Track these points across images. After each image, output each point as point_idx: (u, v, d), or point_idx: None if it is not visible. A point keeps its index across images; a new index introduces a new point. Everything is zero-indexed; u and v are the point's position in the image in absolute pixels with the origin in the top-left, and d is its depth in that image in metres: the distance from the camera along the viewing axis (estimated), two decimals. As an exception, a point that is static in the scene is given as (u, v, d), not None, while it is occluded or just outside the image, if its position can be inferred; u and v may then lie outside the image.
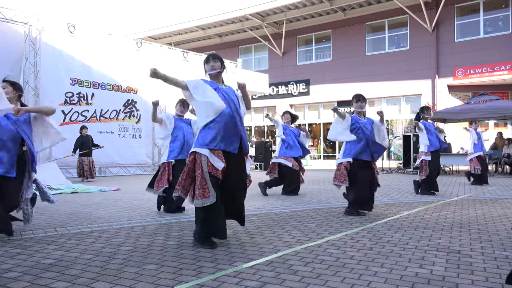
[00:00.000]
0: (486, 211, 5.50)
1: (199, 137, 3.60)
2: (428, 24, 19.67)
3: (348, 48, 22.27)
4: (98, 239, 3.92)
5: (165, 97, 14.65)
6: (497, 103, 13.66)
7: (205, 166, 3.48)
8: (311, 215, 5.24)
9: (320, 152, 24.00)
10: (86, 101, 12.67)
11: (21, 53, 11.20)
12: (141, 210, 5.74)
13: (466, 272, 2.84)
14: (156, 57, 14.53)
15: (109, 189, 8.79)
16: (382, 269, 2.90)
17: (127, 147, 13.69)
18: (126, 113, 13.83)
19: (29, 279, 2.73)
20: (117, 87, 13.55)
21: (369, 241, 3.74)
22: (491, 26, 18.91)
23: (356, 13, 21.85)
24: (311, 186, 9.33)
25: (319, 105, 23.73)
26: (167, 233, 4.15)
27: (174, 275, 2.79)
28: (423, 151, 7.45)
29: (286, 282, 2.63)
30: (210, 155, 3.50)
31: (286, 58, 24.54)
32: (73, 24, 12.26)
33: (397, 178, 11.83)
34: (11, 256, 3.29)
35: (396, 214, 5.23)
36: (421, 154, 7.50)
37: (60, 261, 3.14)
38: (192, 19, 24.82)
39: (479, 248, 3.50)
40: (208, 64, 3.75)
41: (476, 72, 18.56)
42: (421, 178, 7.45)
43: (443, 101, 19.13)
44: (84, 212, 5.59)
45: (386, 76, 20.78)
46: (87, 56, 12.64)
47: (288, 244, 3.65)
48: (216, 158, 3.51)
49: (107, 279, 2.72)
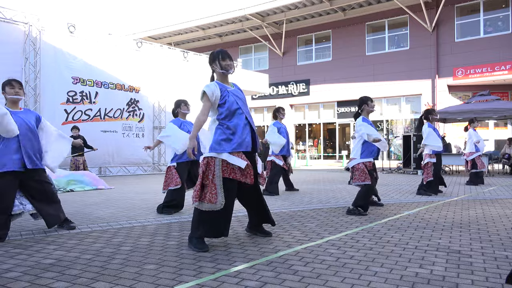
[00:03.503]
0: (486, 211, 5.49)
1: (215, 139, 3.52)
2: (428, 24, 19.68)
3: (348, 48, 22.27)
4: (98, 239, 3.92)
5: (165, 97, 14.70)
6: (497, 103, 13.66)
7: (218, 171, 3.44)
8: (311, 215, 5.24)
9: (320, 152, 24.00)
10: (89, 99, 12.67)
11: (21, 53, 11.20)
12: (141, 210, 5.74)
13: (466, 272, 2.84)
14: (156, 57, 14.54)
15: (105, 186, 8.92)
16: (382, 269, 2.90)
17: (130, 146, 13.71)
18: (130, 112, 13.84)
19: (29, 279, 2.73)
20: (120, 86, 13.56)
21: (369, 241, 3.74)
22: (491, 26, 18.91)
23: (356, 13, 21.85)
24: (311, 186, 9.33)
25: (319, 105, 23.74)
26: (167, 233, 4.15)
27: (174, 275, 2.79)
28: (428, 153, 7.42)
29: (286, 282, 2.63)
30: (229, 157, 3.46)
31: (286, 58, 24.54)
32: (73, 24, 12.27)
33: (397, 178, 11.83)
34: (11, 256, 3.29)
35: (396, 214, 5.23)
36: (425, 156, 7.46)
37: (60, 261, 3.14)
38: (192, 19, 24.83)
39: (479, 248, 3.50)
40: (225, 61, 3.65)
41: (476, 72, 18.57)
42: (426, 180, 7.41)
43: (443, 101, 19.13)
44: (84, 212, 5.60)
45: (386, 76, 20.79)
46: (88, 55, 12.65)
47: (288, 244, 3.65)
48: (236, 157, 3.48)
49: (107, 279, 2.72)
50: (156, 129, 14.63)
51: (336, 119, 23.24)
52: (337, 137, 23.24)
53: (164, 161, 14.65)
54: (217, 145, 3.49)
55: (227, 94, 3.58)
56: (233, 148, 3.48)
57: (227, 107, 3.53)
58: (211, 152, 3.49)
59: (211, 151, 3.49)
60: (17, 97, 4.07)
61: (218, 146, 3.48)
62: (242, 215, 5.05)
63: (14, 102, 4.09)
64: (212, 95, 3.51)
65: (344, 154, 21.21)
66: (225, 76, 3.71)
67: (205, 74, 15.10)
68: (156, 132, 14.65)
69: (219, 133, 3.53)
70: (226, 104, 3.54)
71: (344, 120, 22.85)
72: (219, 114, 3.57)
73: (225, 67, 3.64)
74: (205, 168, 3.48)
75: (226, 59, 3.66)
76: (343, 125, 23.42)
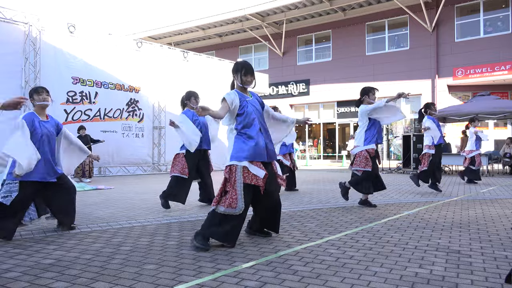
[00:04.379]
0: (486, 211, 5.50)
1: (234, 148, 3.61)
2: (428, 24, 19.68)
3: (348, 48, 22.27)
4: (97, 239, 3.92)
5: (165, 97, 14.69)
6: (497, 103, 13.65)
7: (240, 177, 3.52)
8: (311, 215, 5.24)
9: (320, 152, 24.00)
10: (89, 99, 12.65)
11: (21, 53, 11.20)
12: (140, 210, 5.74)
13: (465, 272, 2.84)
14: (156, 57, 14.54)
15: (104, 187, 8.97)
16: (382, 269, 2.90)
17: (129, 146, 13.70)
18: (129, 112, 13.83)
19: (29, 279, 2.73)
20: (120, 86, 13.54)
21: (368, 241, 3.74)
22: (491, 26, 18.91)
23: (356, 13, 21.85)
24: (311, 186, 9.33)
25: (319, 105, 23.74)
26: (167, 233, 4.15)
27: (174, 275, 2.79)
28: (428, 144, 7.52)
29: (286, 282, 2.63)
30: (249, 165, 3.54)
31: (286, 58, 24.54)
32: (73, 24, 12.26)
33: (397, 178, 11.83)
34: (11, 256, 3.30)
35: (396, 214, 5.23)
36: (425, 147, 7.60)
37: (60, 261, 3.14)
38: (192, 19, 24.83)
39: (478, 248, 3.50)
40: (246, 77, 3.75)
41: (476, 72, 18.57)
42: (421, 169, 7.55)
43: (443, 101, 19.13)
44: (84, 212, 5.60)
45: (386, 76, 20.79)
46: (88, 55, 12.64)
47: (288, 244, 3.65)
48: (256, 167, 3.56)
49: (107, 279, 2.72)
50: (156, 129, 14.63)
51: (336, 119, 23.24)
52: (337, 137, 23.24)
53: (164, 161, 14.65)
54: (237, 154, 3.58)
55: (246, 104, 3.69)
56: (252, 157, 3.57)
57: (245, 117, 3.64)
58: (232, 161, 3.59)
59: (232, 159, 3.60)
60: (45, 103, 4.20)
61: (238, 155, 3.58)
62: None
63: (42, 108, 4.22)
64: (232, 104, 3.62)
65: (344, 154, 21.20)
66: (244, 90, 3.82)
67: (205, 74, 15.17)
68: (156, 132, 14.65)
69: (238, 142, 3.62)
70: (245, 114, 3.65)
71: (344, 120, 22.85)
72: (237, 124, 3.67)
73: (245, 82, 3.77)
74: (228, 175, 3.59)
75: (248, 75, 3.76)
76: (343, 125, 23.42)
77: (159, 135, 14.74)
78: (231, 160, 3.60)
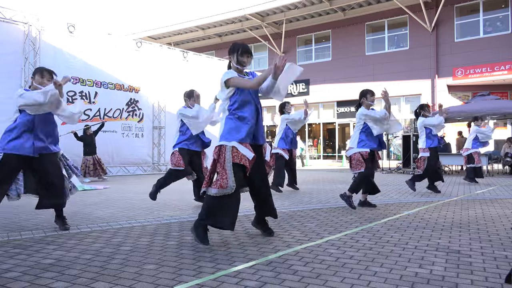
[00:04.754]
0: (486, 211, 5.50)
1: (225, 128, 3.62)
2: (428, 24, 19.68)
3: (348, 48, 22.28)
4: (97, 239, 3.92)
5: (165, 97, 14.69)
6: (497, 103, 13.65)
7: (229, 156, 3.52)
8: (311, 215, 5.24)
9: (320, 152, 24.00)
10: (89, 99, 12.66)
11: (20, 53, 11.20)
12: (140, 210, 5.74)
13: (465, 272, 2.84)
14: (156, 57, 14.53)
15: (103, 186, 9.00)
16: (382, 269, 2.90)
17: (129, 146, 13.70)
18: (129, 112, 13.83)
19: (29, 279, 2.73)
20: (120, 86, 13.54)
21: (368, 241, 3.74)
22: (490, 26, 18.91)
23: (356, 13, 21.86)
24: (311, 186, 9.33)
25: (319, 105, 23.74)
26: (167, 233, 4.14)
27: (174, 275, 2.79)
28: (422, 147, 7.52)
29: (286, 282, 2.63)
30: (238, 145, 3.54)
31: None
32: (73, 24, 12.26)
33: (396, 178, 11.83)
34: (11, 256, 3.29)
35: (396, 214, 5.23)
36: (420, 150, 7.61)
37: (60, 261, 3.14)
38: (192, 19, 24.83)
39: (478, 248, 3.50)
40: (242, 57, 3.72)
41: (476, 72, 18.57)
42: (417, 173, 7.57)
43: (443, 101, 19.09)
44: (84, 212, 5.59)
45: (385, 76, 20.79)
46: (88, 55, 12.64)
47: (287, 244, 3.65)
48: (245, 148, 3.57)
49: (107, 279, 2.72)
50: (156, 129, 14.63)
51: (335, 119, 23.24)
52: (337, 137, 23.25)
53: (164, 161, 14.64)
54: (227, 134, 3.59)
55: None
56: (241, 138, 3.57)
57: (239, 97, 3.62)
58: (222, 141, 3.60)
59: (222, 139, 3.60)
60: (41, 87, 4.13)
61: (228, 135, 3.58)
62: (242, 215, 5.05)
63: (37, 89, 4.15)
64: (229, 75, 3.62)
65: (343, 154, 21.21)
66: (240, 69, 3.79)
67: (204, 74, 15.15)
68: (156, 132, 14.65)
69: (229, 123, 3.62)
70: (238, 94, 3.63)
71: (344, 120, 22.85)
72: (230, 104, 3.66)
73: (241, 62, 3.73)
74: (217, 156, 3.60)
75: (244, 55, 3.73)
76: (342, 125, 23.42)
77: (159, 135, 14.73)
78: (220, 140, 3.61)
